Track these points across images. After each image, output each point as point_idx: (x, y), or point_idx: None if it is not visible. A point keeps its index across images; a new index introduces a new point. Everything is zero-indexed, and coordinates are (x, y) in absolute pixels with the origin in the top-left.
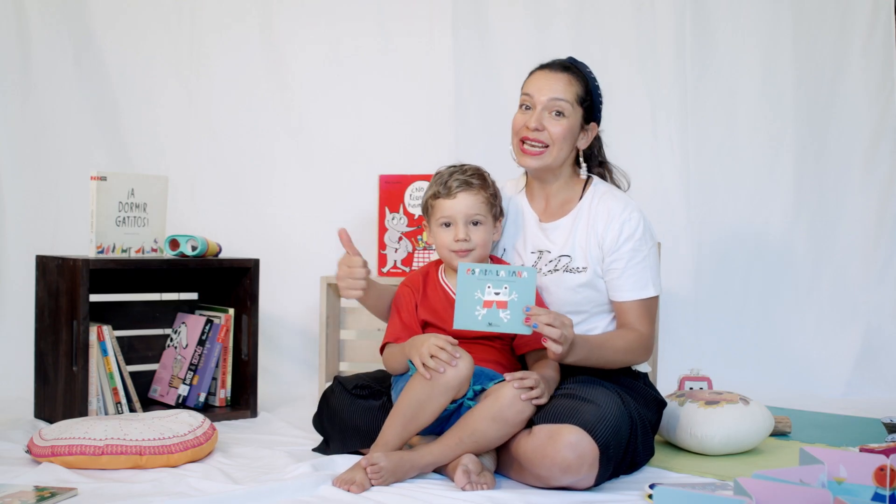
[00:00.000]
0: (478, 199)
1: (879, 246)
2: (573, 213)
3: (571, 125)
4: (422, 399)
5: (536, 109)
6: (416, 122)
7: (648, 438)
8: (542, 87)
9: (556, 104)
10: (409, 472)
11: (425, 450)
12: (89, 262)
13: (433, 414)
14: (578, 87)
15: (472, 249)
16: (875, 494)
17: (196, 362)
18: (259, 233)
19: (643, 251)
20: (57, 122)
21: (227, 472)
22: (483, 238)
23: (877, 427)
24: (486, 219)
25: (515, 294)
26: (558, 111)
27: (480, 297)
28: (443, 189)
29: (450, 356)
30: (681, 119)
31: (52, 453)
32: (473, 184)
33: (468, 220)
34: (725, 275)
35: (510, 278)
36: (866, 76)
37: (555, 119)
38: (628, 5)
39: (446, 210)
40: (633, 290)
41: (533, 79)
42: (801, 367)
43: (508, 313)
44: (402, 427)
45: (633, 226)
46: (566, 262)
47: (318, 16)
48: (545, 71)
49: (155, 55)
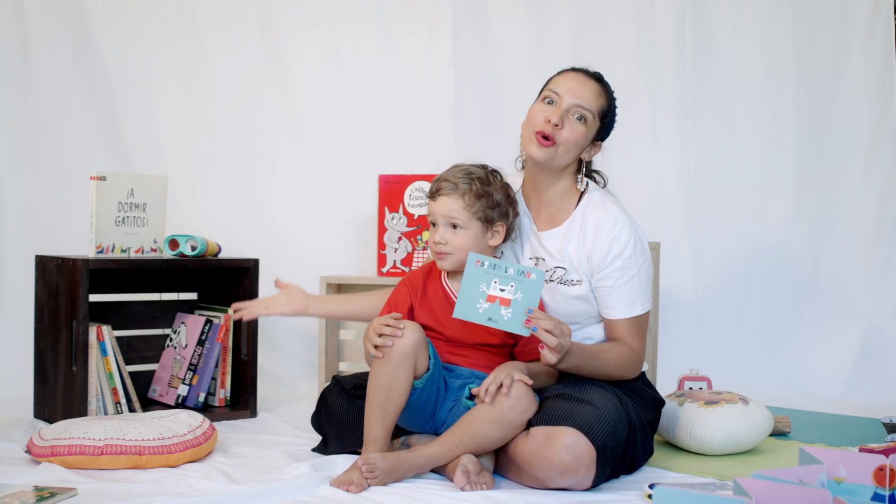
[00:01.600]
0: (457, 204)
1: (879, 246)
2: (567, 223)
3: (587, 134)
4: (386, 380)
5: (561, 107)
6: (416, 122)
7: (647, 438)
8: (572, 89)
9: (580, 110)
10: (406, 472)
11: (423, 450)
12: (89, 262)
13: (403, 392)
14: (604, 102)
15: (449, 254)
16: (874, 494)
17: (195, 362)
18: (259, 233)
19: (632, 269)
20: (57, 122)
21: (226, 472)
22: (462, 243)
23: (876, 427)
24: (469, 223)
25: (520, 294)
26: (581, 116)
27: (485, 290)
28: (432, 189)
29: (394, 329)
30: (681, 119)
31: (52, 453)
32: (458, 187)
33: (447, 222)
34: (725, 275)
35: (518, 277)
36: (866, 76)
37: (575, 122)
38: (628, 5)
39: (431, 209)
40: (622, 309)
41: (564, 78)
42: (800, 367)
43: (510, 311)
44: (381, 416)
45: (623, 243)
46: (561, 275)
47: (318, 16)
48: (578, 74)
49: (155, 55)
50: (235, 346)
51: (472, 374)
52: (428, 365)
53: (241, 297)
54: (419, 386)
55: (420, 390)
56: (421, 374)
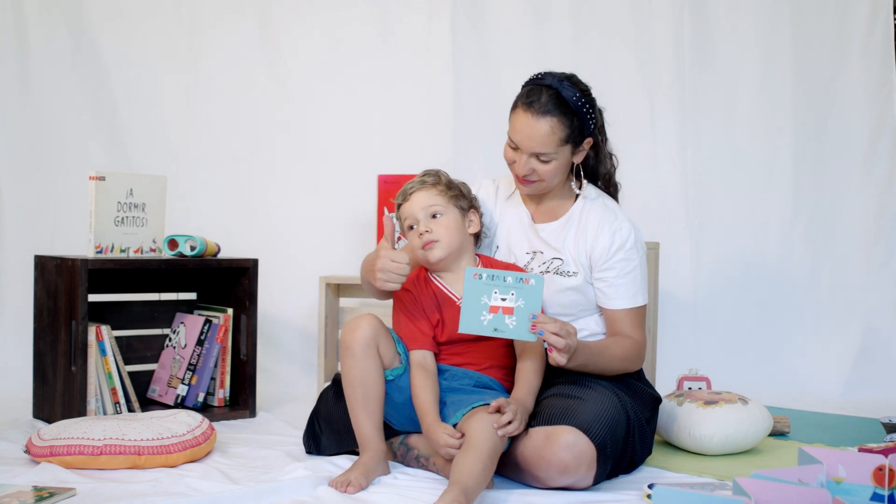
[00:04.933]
0: (431, 193)
1: (878, 246)
2: (564, 218)
3: (561, 163)
4: (356, 374)
5: (521, 158)
6: (415, 122)
7: (646, 436)
8: (524, 139)
9: (541, 156)
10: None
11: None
12: (88, 262)
13: (377, 382)
14: (562, 131)
15: (438, 241)
16: (874, 494)
17: (195, 362)
18: (258, 233)
19: (634, 261)
20: (55, 121)
21: (225, 472)
22: (447, 228)
23: (875, 427)
24: (447, 209)
25: (522, 301)
26: (545, 160)
27: (487, 301)
28: (400, 197)
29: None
30: (679, 118)
31: (51, 453)
32: (426, 181)
33: (427, 214)
34: (724, 275)
35: (517, 285)
36: (865, 76)
37: (542, 164)
38: (627, 4)
39: (406, 213)
40: (625, 299)
41: (516, 122)
42: (799, 367)
43: (514, 319)
44: (364, 412)
45: (625, 235)
46: (558, 265)
47: (317, 15)
48: (527, 117)
49: (153, 55)
50: (234, 345)
51: (466, 373)
52: (400, 359)
53: (240, 297)
54: (391, 378)
55: (399, 389)
56: (391, 365)
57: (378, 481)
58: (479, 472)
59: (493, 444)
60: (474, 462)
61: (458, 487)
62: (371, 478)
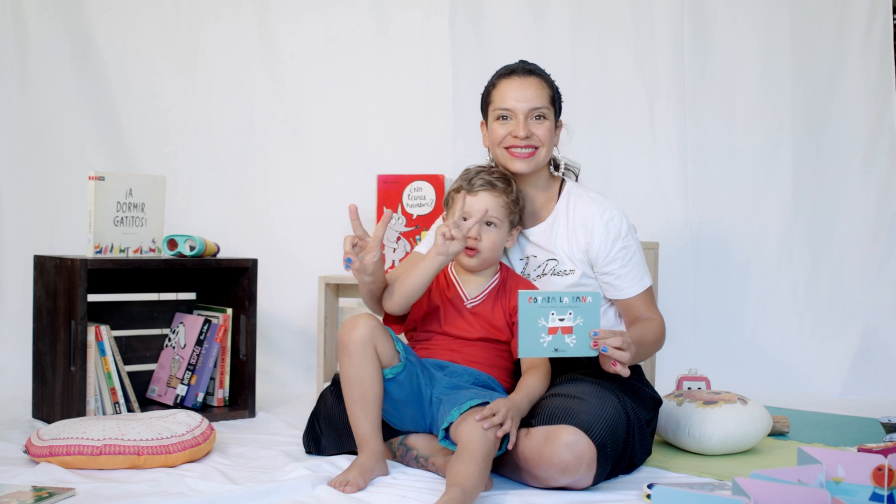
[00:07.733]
0: (497, 202)
1: (877, 245)
2: (551, 218)
3: (551, 126)
4: (354, 373)
5: (519, 118)
6: (415, 123)
7: (645, 437)
8: (519, 98)
9: (537, 111)
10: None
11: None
12: (87, 261)
13: (374, 382)
14: (548, 89)
15: (479, 251)
16: (873, 494)
17: (194, 362)
18: (257, 233)
19: (632, 246)
20: (54, 121)
21: (224, 473)
22: (493, 242)
23: (875, 427)
24: (502, 223)
25: (581, 319)
26: (540, 115)
27: (545, 324)
28: (466, 185)
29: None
30: (679, 118)
31: (50, 453)
32: (497, 186)
33: (484, 219)
34: (723, 274)
35: (575, 304)
36: (864, 76)
37: (538, 123)
38: (627, 3)
39: (465, 206)
40: (635, 286)
41: (505, 89)
42: (798, 367)
43: (574, 338)
44: (362, 412)
45: (617, 224)
46: (553, 266)
47: (316, 15)
48: (516, 79)
49: (153, 55)
50: (234, 346)
51: (466, 371)
52: (399, 357)
53: (239, 298)
54: (389, 376)
55: (398, 385)
56: (390, 364)
57: (377, 481)
58: (476, 475)
59: (486, 447)
60: (469, 465)
61: (458, 489)
62: (369, 477)
